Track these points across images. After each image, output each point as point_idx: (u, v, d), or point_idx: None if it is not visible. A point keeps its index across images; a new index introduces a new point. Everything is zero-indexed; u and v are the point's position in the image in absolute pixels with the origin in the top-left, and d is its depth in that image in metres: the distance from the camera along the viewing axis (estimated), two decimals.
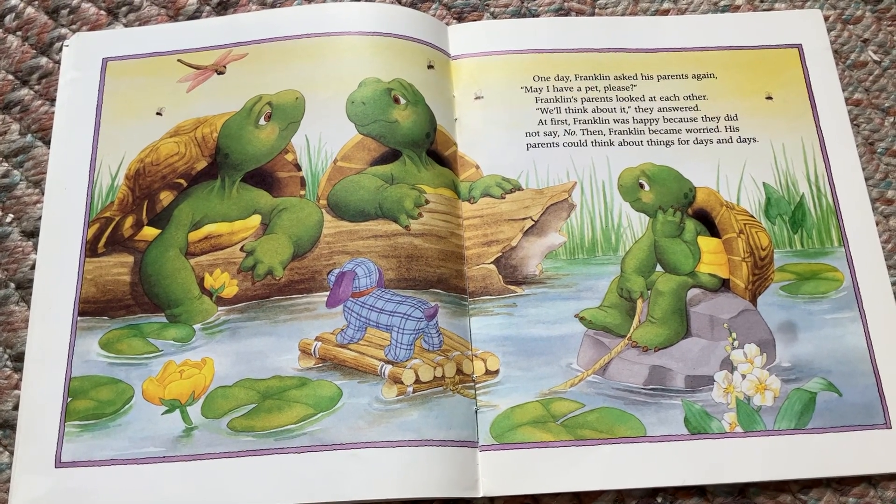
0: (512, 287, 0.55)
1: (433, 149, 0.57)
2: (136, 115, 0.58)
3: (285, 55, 0.59)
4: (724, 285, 0.55)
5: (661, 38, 0.62)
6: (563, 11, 0.63)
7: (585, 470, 0.50)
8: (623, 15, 0.63)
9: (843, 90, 0.61)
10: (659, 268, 0.56)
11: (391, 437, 0.49)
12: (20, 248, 0.57)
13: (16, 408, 0.52)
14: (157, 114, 0.58)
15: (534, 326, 0.53)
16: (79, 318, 0.53)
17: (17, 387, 0.53)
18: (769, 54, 0.62)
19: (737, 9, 0.64)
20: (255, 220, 0.55)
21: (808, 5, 0.64)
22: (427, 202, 0.55)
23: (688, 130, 0.59)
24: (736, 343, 0.53)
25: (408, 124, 0.57)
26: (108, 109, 0.58)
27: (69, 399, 0.51)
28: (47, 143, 0.59)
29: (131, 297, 0.54)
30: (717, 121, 0.59)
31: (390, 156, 0.56)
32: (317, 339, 0.52)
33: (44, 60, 0.62)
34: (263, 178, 0.56)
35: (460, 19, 0.63)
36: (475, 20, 0.63)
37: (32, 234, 0.57)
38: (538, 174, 0.57)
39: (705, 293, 0.55)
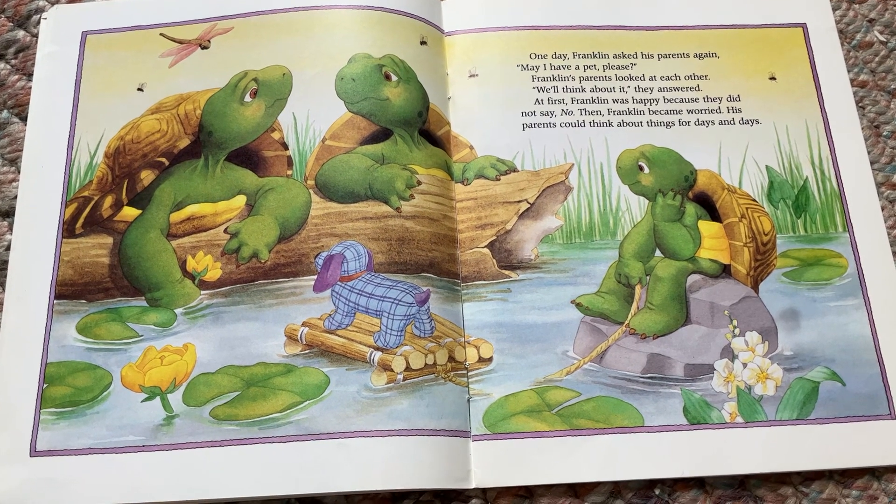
0: (506, 272, 0.53)
1: (426, 128, 0.55)
2: (116, 91, 0.56)
3: (272, 29, 0.57)
4: (725, 271, 0.54)
5: (662, 16, 0.60)
6: None
7: (581, 461, 0.49)
8: None
9: (849, 71, 0.60)
10: (658, 253, 0.54)
11: (380, 426, 0.48)
12: None
13: None
14: (139, 89, 0.56)
15: (528, 313, 0.52)
16: (55, 301, 0.51)
17: None
18: (773, 33, 0.60)
19: None
20: (240, 200, 0.54)
21: None
22: (419, 183, 0.53)
23: (689, 111, 0.58)
24: (737, 331, 0.52)
25: (399, 102, 0.55)
26: (87, 85, 0.57)
27: (45, 385, 0.49)
28: (24, 119, 0.57)
29: (110, 279, 0.52)
30: (719, 101, 0.58)
31: (381, 135, 0.55)
32: (304, 324, 0.50)
33: (21, 34, 0.60)
34: (249, 157, 0.55)
35: None
36: None
37: (8, 213, 0.55)
38: (534, 155, 0.56)
39: (706, 279, 0.54)
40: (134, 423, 0.48)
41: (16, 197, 0.55)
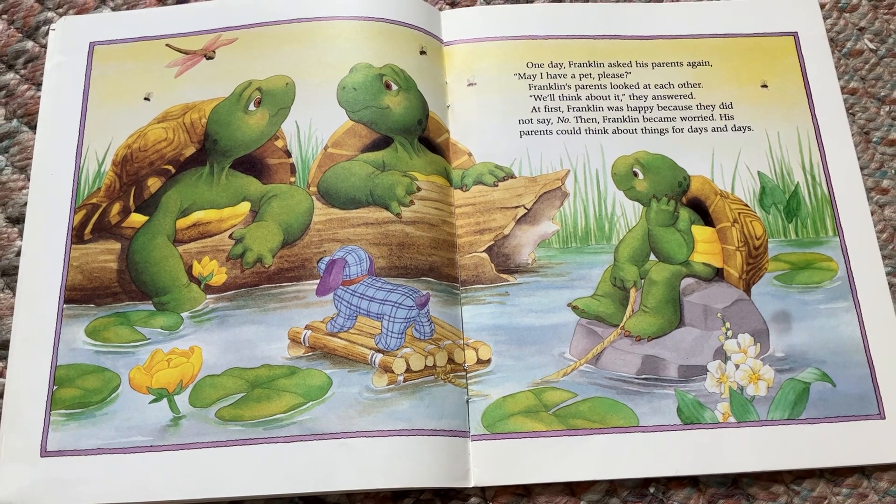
0: (504, 276, 0.54)
1: (425, 136, 0.56)
2: (123, 101, 0.57)
3: (276, 40, 0.58)
4: (717, 275, 0.55)
5: (656, 25, 0.61)
6: None
7: (577, 460, 0.50)
8: (618, 1, 0.63)
9: (839, 79, 0.61)
10: (652, 257, 0.55)
11: (381, 426, 0.49)
12: (5, 235, 0.56)
13: (0, 396, 0.52)
14: (145, 99, 0.57)
15: (526, 315, 0.53)
16: (65, 305, 0.52)
17: (1, 375, 0.52)
18: (765, 42, 0.61)
19: None
20: (245, 207, 0.55)
21: None
22: (419, 189, 0.54)
23: (682, 118, 0.59)
24: (729, 333, 0.53)
25: (400, 111, 0.56)
26: (94, 94, 0.58)
27: (55, 387, 0.50)
28: (33, 128, 0.58)
29: (118, 284, 0.53)
30: (712, 109, 0.59)
31: (382, 142, 0.56)
32: (306, 327, 0.51)
33: (30, 44, 0.61)
34: (253, 165, 0.56)
35: (453, 4, 0.62)
36: (469, 5, 0.62)
37: (18, 220, 0.56)
38: (531, 162, 0.57)
39: (699, 282, 0.55)
40: (142, 423, 0.49)
41: (26, 204, 0.56)
